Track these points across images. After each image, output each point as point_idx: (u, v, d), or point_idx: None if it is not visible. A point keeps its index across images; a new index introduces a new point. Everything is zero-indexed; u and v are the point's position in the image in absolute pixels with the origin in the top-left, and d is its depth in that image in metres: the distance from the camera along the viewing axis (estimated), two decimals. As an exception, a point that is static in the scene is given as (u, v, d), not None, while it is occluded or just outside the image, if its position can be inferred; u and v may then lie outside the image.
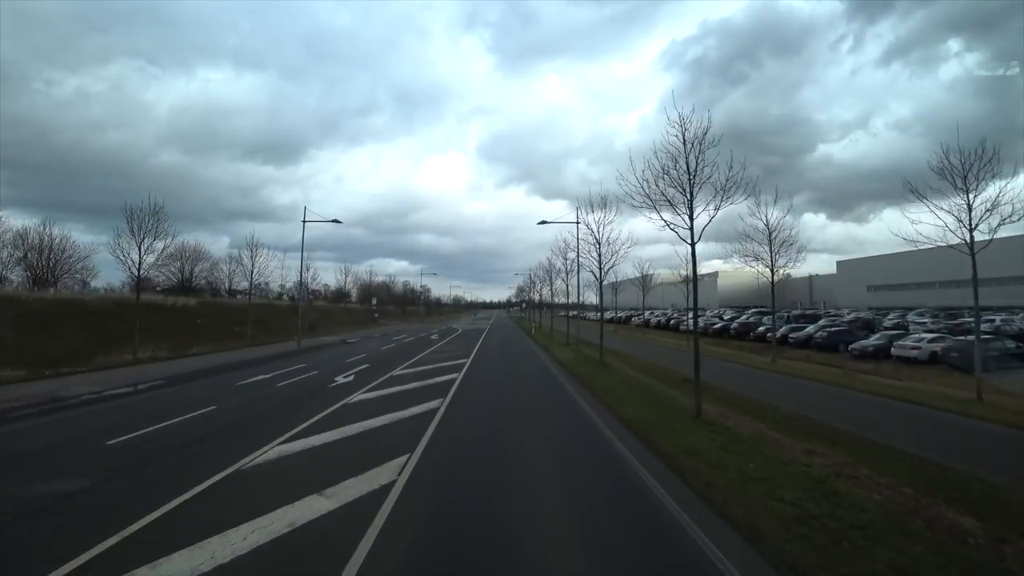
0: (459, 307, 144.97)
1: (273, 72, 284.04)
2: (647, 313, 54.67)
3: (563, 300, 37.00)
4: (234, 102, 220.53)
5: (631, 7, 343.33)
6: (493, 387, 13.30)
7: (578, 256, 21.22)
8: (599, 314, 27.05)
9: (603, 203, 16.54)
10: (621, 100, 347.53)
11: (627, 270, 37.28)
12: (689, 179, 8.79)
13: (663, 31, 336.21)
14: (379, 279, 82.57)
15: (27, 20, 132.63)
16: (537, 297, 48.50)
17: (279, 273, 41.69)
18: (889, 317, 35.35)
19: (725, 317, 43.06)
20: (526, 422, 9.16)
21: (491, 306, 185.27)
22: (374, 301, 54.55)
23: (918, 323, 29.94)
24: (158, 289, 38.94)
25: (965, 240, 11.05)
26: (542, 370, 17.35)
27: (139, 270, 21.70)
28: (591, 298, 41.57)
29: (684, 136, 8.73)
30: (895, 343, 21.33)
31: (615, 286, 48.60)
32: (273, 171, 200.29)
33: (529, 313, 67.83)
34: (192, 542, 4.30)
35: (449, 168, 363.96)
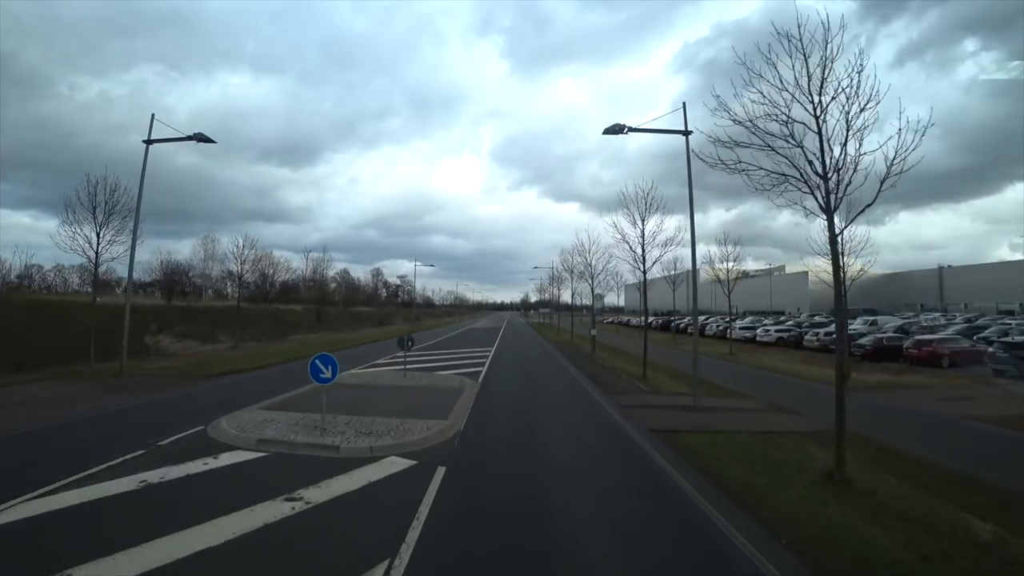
0: (460, 310, 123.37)
1: (291, 76, 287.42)
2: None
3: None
4: (252, 106, 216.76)
5: (646, 11, 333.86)
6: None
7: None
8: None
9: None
10: (635, 103, 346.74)
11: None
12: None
13: (679, 34, 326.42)
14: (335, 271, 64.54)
15: (55, 26, 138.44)
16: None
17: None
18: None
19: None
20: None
21: (503, 307, 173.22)
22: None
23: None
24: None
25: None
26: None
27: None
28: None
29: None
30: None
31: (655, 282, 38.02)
32: (289, 173, 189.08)
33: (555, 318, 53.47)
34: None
35: (463, 170, 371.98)
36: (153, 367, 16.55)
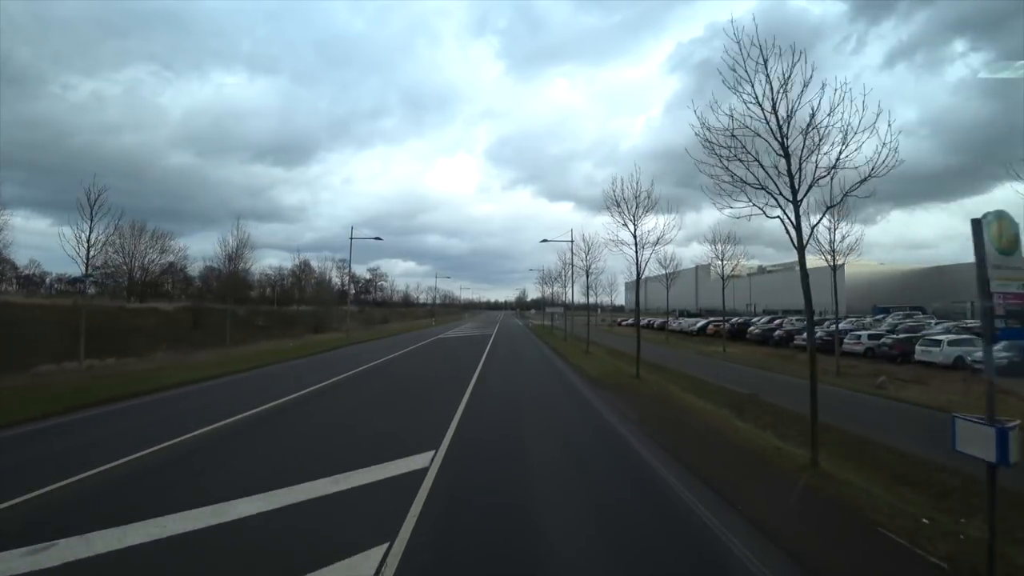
0: (451, 309, 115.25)
1: (286, 76, 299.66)
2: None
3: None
4: (247, 105, 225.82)
5: (640, 12, 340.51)
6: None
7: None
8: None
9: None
10: (628, 103, 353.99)
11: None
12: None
13: (672, 35, 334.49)
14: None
15: (47, 25, 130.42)
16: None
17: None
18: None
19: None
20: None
21: (497, 307, 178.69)
22: None
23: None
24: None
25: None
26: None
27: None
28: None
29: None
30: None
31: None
32: (282, 172, 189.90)
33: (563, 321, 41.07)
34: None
35: (457, 170, 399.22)
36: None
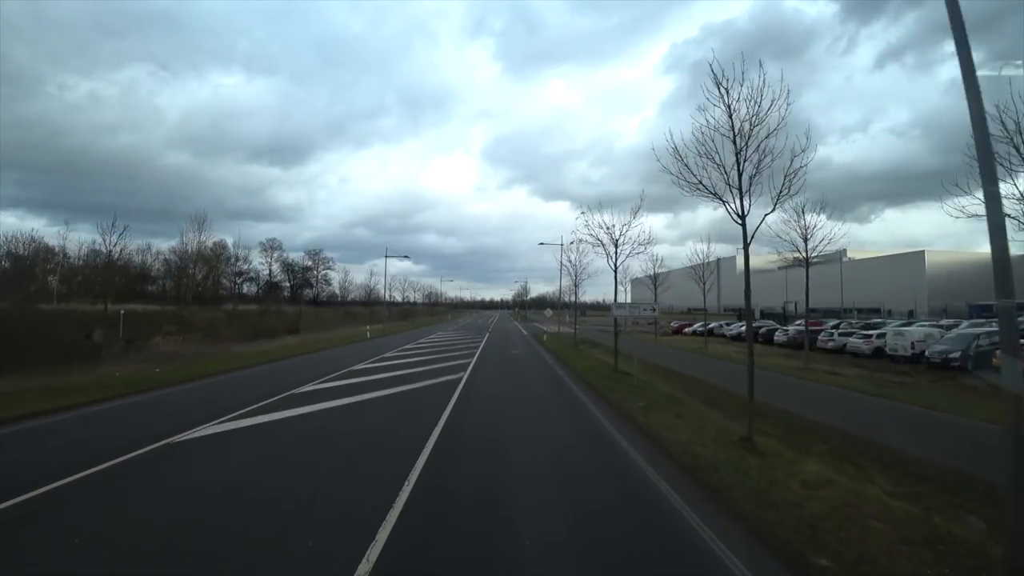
0: (437, 310, 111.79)
1: (284, 76, 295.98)
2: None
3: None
4: (244, 106, 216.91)
5: (636, 14, 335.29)
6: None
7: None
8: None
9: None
10: (624, 103, 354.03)
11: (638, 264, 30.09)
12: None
13: (667, 36, 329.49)
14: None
15: (44, 25, 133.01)
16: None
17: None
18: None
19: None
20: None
21: (492, 306, 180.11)
22: None
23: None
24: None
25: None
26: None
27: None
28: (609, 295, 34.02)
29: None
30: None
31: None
32: (279, 172, 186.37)
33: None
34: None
35: (454, 170, 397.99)
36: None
